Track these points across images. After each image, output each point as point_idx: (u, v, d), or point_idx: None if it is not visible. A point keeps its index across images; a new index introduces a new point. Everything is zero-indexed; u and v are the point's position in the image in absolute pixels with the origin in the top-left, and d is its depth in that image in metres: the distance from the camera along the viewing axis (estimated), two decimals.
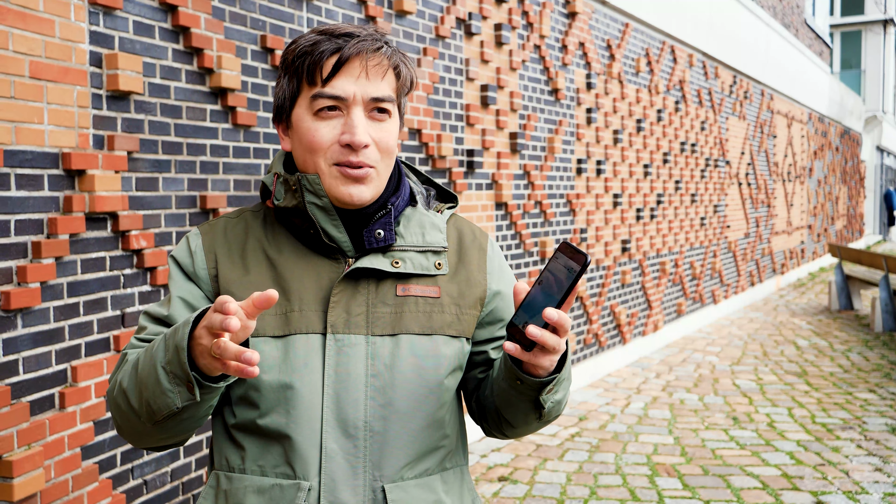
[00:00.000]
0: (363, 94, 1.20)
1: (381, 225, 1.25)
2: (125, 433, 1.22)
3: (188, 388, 1.08)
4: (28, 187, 2.45)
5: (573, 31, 6.07)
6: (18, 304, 2.40)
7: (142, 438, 1.20)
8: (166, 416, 1.11)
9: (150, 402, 1.11)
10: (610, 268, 6.74)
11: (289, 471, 1.20)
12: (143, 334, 1.25)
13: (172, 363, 1.08)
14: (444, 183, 4.61)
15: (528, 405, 1.20)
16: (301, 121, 1.22)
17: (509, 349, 1.08)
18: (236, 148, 3.23)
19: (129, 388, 1.16)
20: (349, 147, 1.20)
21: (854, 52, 28.08)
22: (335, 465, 1.19)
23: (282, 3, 3.44)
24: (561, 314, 1.05)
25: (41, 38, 2.47)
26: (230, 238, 1.29)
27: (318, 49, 1.20)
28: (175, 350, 1.07)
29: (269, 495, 1.20)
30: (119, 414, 1.20)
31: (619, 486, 4.22)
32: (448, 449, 1.29)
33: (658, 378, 6.63)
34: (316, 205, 1.22)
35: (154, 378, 1.10)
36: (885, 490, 4.12)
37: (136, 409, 1.14)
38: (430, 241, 1.29)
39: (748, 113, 10.90)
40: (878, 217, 27.35)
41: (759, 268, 11.57)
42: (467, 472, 1.35)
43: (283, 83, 1.25)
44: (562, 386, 1.20)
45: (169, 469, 2.97)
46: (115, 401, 1.19)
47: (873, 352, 7.69)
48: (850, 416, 5.47)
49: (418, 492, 1.23)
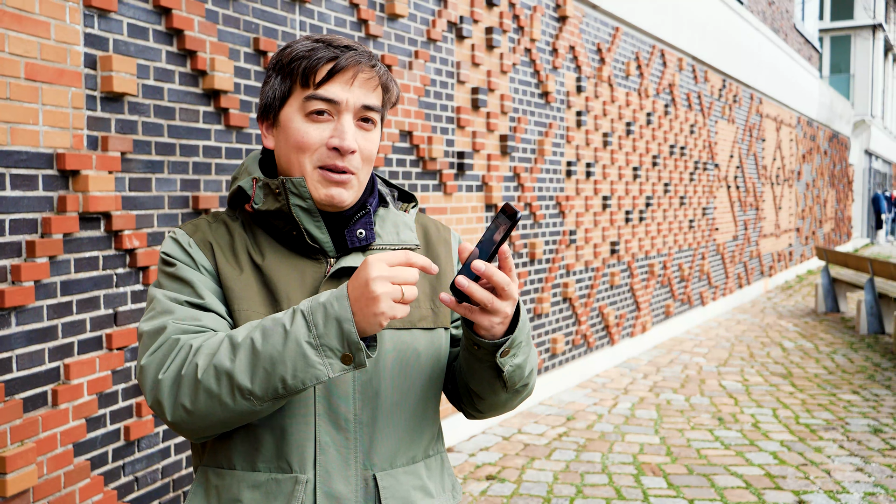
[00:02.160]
0: (354, 102, 1.25)
1: (361, 225, 1.30)
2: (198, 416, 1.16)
3: (343, 360, 1.12)
4: (22, 187, 2.48)
5: (563, 35, 6.13)
6: (12, 303, 2.43)
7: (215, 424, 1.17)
8: (301, 389, 1.14)
9: (288, 378, 1.12)
10: (599, 269, 6.80)
11: (284, 465, 1.23)
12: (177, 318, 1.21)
13: (326, 336, 1.11)
14: (435, 185, 4.66)
15: (490, 371, 1.24)
16: (291, 120, 1.26)
17: (443, 299, 1.15)
18: (229, 149, 3.27)
19: (237, 369, 1.13)
20: (336, 151, 1.24)
21: (843, 56, 28.27)
22: (328, 457, 1.24)
23: (275, 7, 3.48)
24: (489, 267, 1.11)
25: (36, 40, 2.50)
26: (217, 237, 1.32)
27: (315, 55, 1.24)
28: (335, 323, 1.11)
29: (264, 489, 1.23)
30: (204, 397, 1.14)
31: (605, 484, 4.27)
32: (430, 436, 1.35)
33: (645, 379, 6.70)
34: (301, 207, 1.26)
35: (296, 353, 1.11)
36: (866, 490, 4.18)
37: (248, 388, 1.13)
38: (404, 240, 1.35)
39: (737, 116, 10.98)
40: (866, 220, 27.53)
41: (747, 270, 11.66)
42: (447, 458, 1.41)
43: (273, 83, 1.28)
44: (520, 350, 1.24)
45: (160, 466, 3.00)
46: (200, 384, 1.14)
47: (858, 354, 7.77)
48: (833, 417, 5.55)
49: (406, 478, 1.29)
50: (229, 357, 1.14)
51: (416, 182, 4.48)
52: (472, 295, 1.12)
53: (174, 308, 1.22)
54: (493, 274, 1.12)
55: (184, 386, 1.16)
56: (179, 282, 1.26)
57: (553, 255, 6.04)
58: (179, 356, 1.17)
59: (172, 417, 1.17)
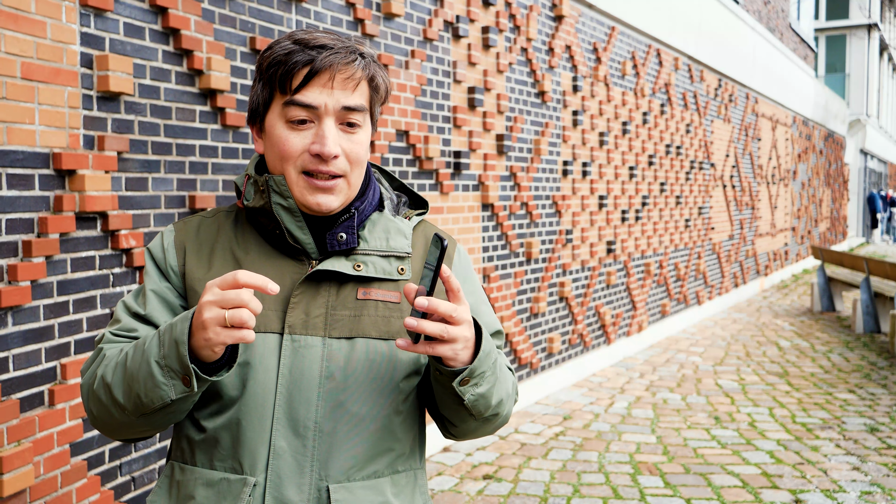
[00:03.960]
0: (334, 105, 1.22)
1: (343, 228, 1.27)
2: (100, 424, 1.25)
3: (183, 381, 1.12)
4: (19, 187, 2.47)
5: (560, 35, 6.13)
6: (9, 303, 2.42)
7: (117, 430, 1.24)
8: (157, 408, 1.15)
9: (142, 396, 1.15)
10: (595, 269, 6.80)
11: (237, 465, 1.22)
12: (117, 328, 1.28)
13: (169, 357, 1.12)
14: (431, 184, 4.65)
15: (453, 399, 1.20)
16: (273, 127, 1.25)
17: (399, 345, 1.11)
18: (225, 149, 3.26)
19: (114, 383, 1.19)
20: (318, 157, 1.22)
21: (838, 55, 28.33)
22: (282, 462, 1.21)
23: (271, 6, 3.48)
24: (432, 300, 1.08)
25: (33, 40, 2.49)
26: (202, 236, 1.32)
27: (291, 59, 1.21)
28: (174, 344, 1.11)
29: (217, 489, 1.22)
30: (98, 406, 1.23)
31: (601, 484, 4.28)
32: (399, 452, 1.30)
33: (642, 378, 6.70)
34: (281, 205, 1.25)
35: (147, 372, 1.14)
36: (862, 489, 4.19)
37: (122, 403, 1.18)
38: (393, 246, 1.31)
39: (733, 116, 11.00)
40: (861, 219, 27.60)
41: (743, 269, 11.68)
42: (422, 475, 1.35)
43: (257, 88, 1.28)
44: (483, 379, 1.19)
45: (156, 466, 3.00)
46: (95, 393, 1.22)
47: (854, 353, 7.79)
48: (829, 416, 5.56)
49: (364, 493, 1.24)
50: (112, 369, 1.21)
51: (413, 182, 4.48)
52: (424, 331, 1.08)
53: (122, 317, 1.29)
54: (437, 306, 1.08)
55: (89, 393, 1.24)
56: (140, 287, 1.32)
57: (549, 255, 6.04)
58: (94, 365, 1.26)
59: (90, 419, 1.27)
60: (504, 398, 1.27)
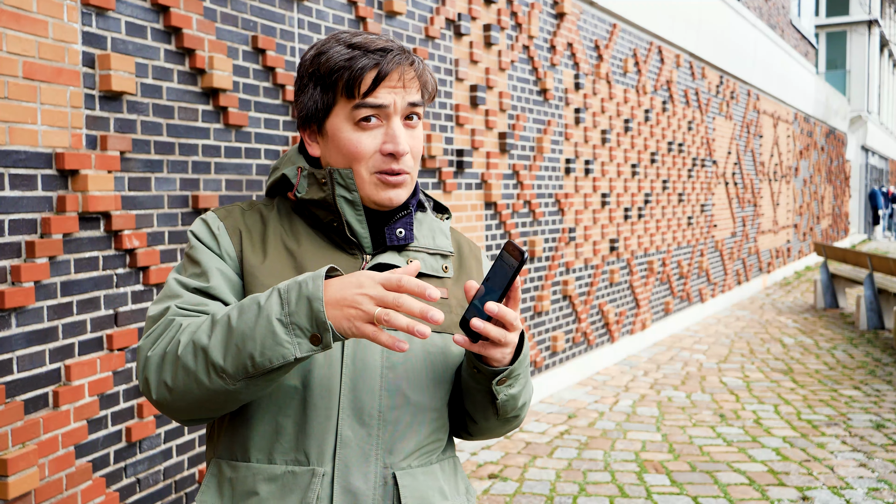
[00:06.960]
0: (402, 104, 1.26)
1: (402, 224, 1.32)
2: (175, 394, 1.17)
3: (311, 340, 1.10)
4: (22, 187, 2.46)
5: (561, 32, 6.11)
6: (12, 304, 2.41)
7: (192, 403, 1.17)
8: (275, 367, 1.11)
9: (256, 355, 1.10)
10: (598, 267, 6.79)
11: (302, 457, 1.23)
12: (182, 302, 1.23)
13: (296, 314, 1.09)
14: (434, 183, 4.64)
15: (485, 397, 1.27)
16: (340, 131, 1.26)
17: (458, 341, 1.16)
18: (228, 148, 3.25)
19: (212, 345, 1.13)
20: (391, 156, 1.26)
21: (839, 52, 28.30)
22: (349, 451, 1.23)
23: (273, 4, 3.46)
24: (501, 307, 1.13)
25: (34, 39, 2.48)
26: (249, 224, 1.32)
27: (356, 64, 1.23)
28: (305, 301, 1.09)
29: (280, 482, 1.22)
30: (181, 373, 1.15)
31: (607, 482, 4.26)
32: (446, 440, 1.36)
33: (646, 376, 6.69)
34: (345, 198, 1.27)
35: (267, 330, 1.10)
36: (870, 485, 4.18)
37: (220, 365, 1.12)
38: (439, 245, 1.37)
39: (735, 113, 10.98)
40: (863, 216, 27.57)
41: (746, 267, 11.66)
42: (459, 461, 1.41)
43: (313, 94, 1.27)
44: (517, 381, 1.26)
45: (161, 467, 2.98)
46: (180, 360, 1.15)
47: (858, 349, 7.77)
48: (835, 413, 5.54)
49: (425, 478, 1.29)
50: (207, 333, 1.15)
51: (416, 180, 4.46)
52: (488, 335, 1.14)
53: (181, 292, 1.24)
54: (505, 314, 1.14)
55: (166, 362, 1.17)
56: (194, 264, 1.27)
57: (552, 253, 6.03)
58: (169, 335, 1.19)
59: (157, 395, 1.18)
60: (527, 401, 1.35)
